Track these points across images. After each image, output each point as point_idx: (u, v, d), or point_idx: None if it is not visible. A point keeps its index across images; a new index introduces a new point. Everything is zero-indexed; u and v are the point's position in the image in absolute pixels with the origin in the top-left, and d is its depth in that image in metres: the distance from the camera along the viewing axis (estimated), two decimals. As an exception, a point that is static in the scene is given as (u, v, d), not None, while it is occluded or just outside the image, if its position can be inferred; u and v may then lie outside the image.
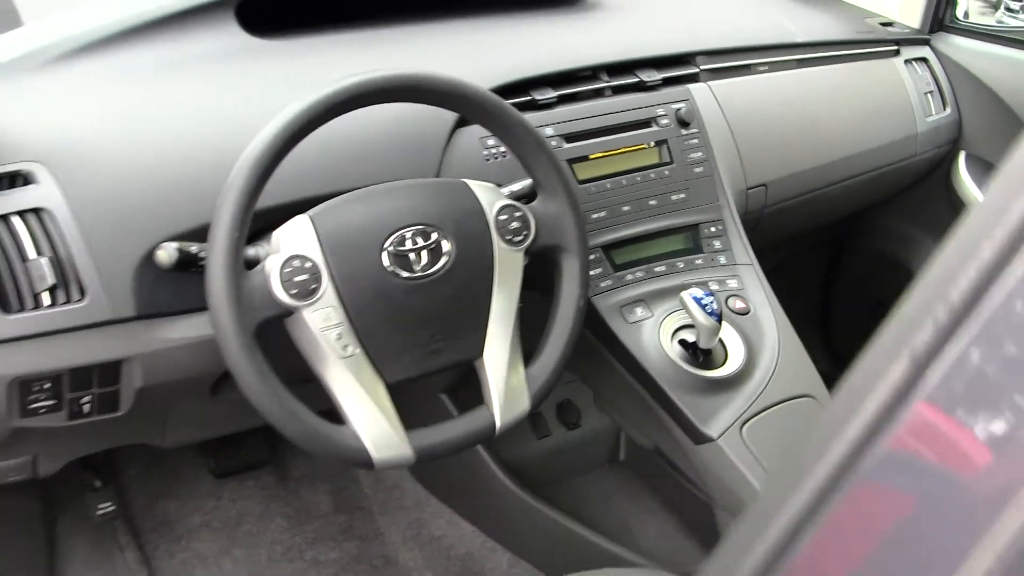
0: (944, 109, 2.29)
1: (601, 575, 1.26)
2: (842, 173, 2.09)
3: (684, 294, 1.56)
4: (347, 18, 1.80)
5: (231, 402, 1.65)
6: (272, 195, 1.34)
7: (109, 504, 1.92)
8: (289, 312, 1.28)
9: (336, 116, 1.33)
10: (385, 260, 1.33)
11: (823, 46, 2.14)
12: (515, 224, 1.42)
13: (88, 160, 1.39)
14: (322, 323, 1.29)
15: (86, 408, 1.40)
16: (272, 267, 1.28)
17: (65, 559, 1.92)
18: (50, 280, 1.30)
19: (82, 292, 1.32)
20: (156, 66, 1.59)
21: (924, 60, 2.32)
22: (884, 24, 2.34)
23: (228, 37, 1.68)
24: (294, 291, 1.28)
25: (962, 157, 2.31)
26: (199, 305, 1.38)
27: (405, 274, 1.34)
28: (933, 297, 0.50)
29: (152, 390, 1.42)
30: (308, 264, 1.29)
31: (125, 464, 2.05)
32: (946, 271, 0.49)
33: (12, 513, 1.72)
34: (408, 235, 1.35)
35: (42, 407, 1.36)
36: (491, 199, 1.43)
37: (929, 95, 2.27)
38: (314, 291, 1.29)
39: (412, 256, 1.34)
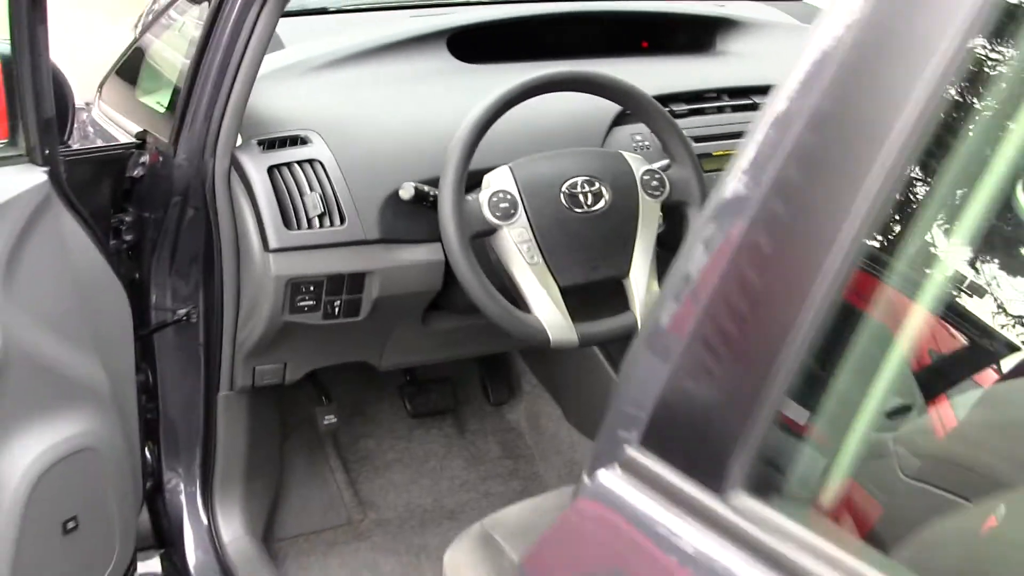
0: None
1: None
2: None
3: None
4: (531, 54, 2.32)
5: (437, 332, 2.15)
6: (480, 162, 1.84)
7: (333, 417, 2.42)
8: (493, 230, 1.79)
9: (531, 97, 1.84)
10: (562, 199, 1.83)
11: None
12: (655, 183, 1.91)
13: (347, 131, 1.93)
14: (517, 238, 1.79)
15: (336, 310, 1.91)
16: (483, 198, 1.79)
17: (289, 469, 2.42)
18: (320, 208, 1.83)
19: (342, 219, 1.84)
20: (390, 75, 2.14)
21: None
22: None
23: (441, 60, 2.23)
24: (498, 214, 1.78)
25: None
26: (425, 237, 1.90)
27: (576, 210, 1.83)
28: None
29: (384, 301, 1.92)
30: (508, 196, 1.79)
31: (338, 409, 2.53)
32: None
33: (261, 417, 2.21)
34: (579, 182, 1.84)
35: (305, 305, 1.88)
36: (638, 165, 1.92)
37: None
38: (512, 215, 1.79)
39: (581, 197, 1.84)
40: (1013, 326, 1.34)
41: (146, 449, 2.15)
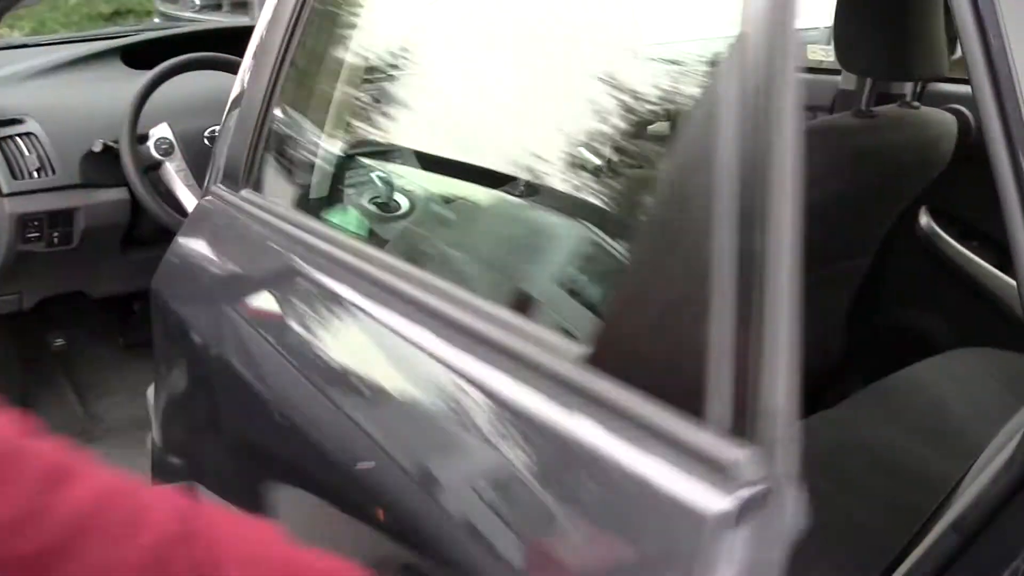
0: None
1: None
2: None
3: None
4: None
5: (135, 261, 2.94)
6: (152, 124, 2.67)
7: (61, 340, 3.16)
8: (159, 163, 2.62)
9: (177, 73, 2.68)
10: (205, 140, 2.69)
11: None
12: None
13: (51, 113, 2.73)
14: (176, 168, 2.63)
15: (55, 240, 2.69)
16: (150, 143, 2.63)
17: (32, 387, 3.14)
18: (37, 164, 2.62)
19: (53, 170, 2.64)
20: (79, 79, 2.95)
21: None
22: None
23: (115, 69, 3.05)
24: (160, 152, 2.62)
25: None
26: (115, 183, 2.70)
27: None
28: None
29: (89, 231, 2.71)
30: (167, 140, 2.64)
31: (65, 335, 3.25)
32: None
33: (3, 342, 2.94)
34: (217, 129, 2.70)
35: (32, 236, 2.65)
36: None
37: None
38: (171, 152, 2.63)
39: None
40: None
41: None
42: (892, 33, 1.98)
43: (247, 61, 1.87)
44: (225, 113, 1.92)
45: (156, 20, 6.65)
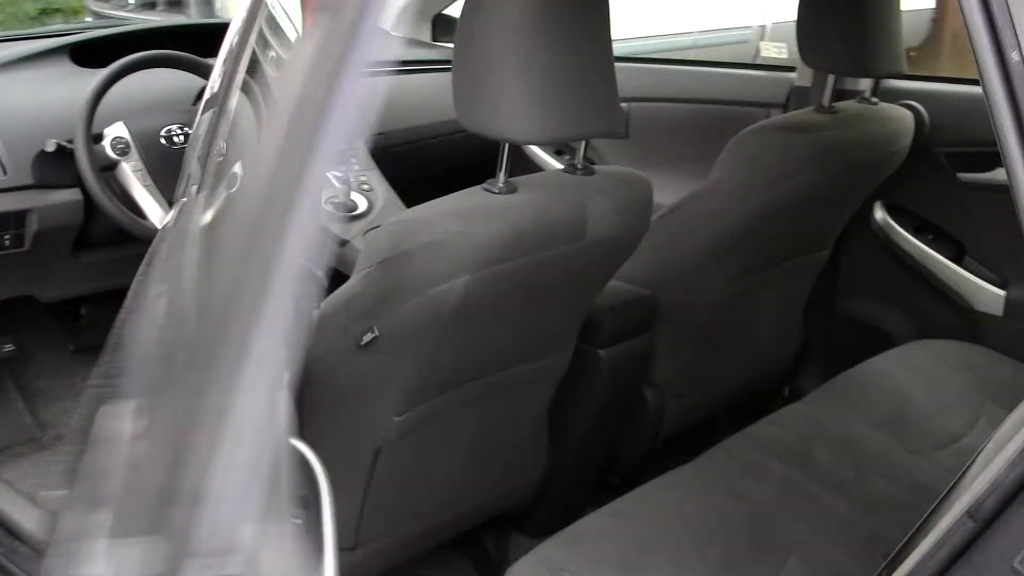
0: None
1: None
2: None
3: None
4: None
5: (87, 264, 2.90)
6: (107, 124, 2.63)
7: (11, 345, 3.10)
8: (116, 163, 2.59)
9: (132, 71, 2.65)
10: (161, 140, 2.65)
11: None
12: None
13: (1, 112, 2.68)
14: (133, 168, 2.59)
15: (7, 243, 2.63)
16: (106, 143, 2.59)
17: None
18: (-14, 165, 2.58)
19: (4, 171, 2.59)
20: (27, 77, 2.89)
21: None
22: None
23: (63, 67, 2.99)
24: (117, 152, 2.58)
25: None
26: (68, 183, 2.65)
27: (172, 147, 2.66)
28: None
29: (41, 234, 2.66)
30: (124, 140, 2.60)
31: (15, 340, 3.19)
32: None
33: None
34: (174, 128, 2.68)
35: (-19, 240, 2.61)
36: None
37: None
38: (127, 152, 2.60)
39: (175, 138, 2.67)
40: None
41: None
42: (855, 30, 2.02)
43: (218, 66, 1.85)
44: (198, 117, 1.90)
45: (88, 19, 6.55)
